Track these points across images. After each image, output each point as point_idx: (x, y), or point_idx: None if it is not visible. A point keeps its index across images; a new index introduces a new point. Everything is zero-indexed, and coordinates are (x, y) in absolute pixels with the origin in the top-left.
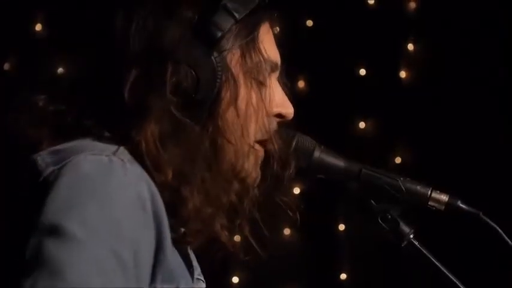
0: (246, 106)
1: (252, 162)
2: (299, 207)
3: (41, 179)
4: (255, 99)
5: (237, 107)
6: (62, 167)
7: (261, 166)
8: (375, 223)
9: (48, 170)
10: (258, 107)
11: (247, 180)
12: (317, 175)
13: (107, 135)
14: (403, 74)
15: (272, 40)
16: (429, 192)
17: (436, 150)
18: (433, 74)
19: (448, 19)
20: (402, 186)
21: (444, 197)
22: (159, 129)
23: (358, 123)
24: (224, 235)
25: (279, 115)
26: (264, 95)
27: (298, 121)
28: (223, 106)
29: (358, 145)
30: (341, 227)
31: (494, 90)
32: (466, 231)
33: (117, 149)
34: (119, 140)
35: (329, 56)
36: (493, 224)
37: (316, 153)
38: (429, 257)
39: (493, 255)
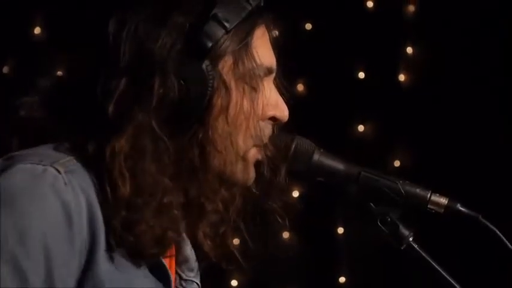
0: (237, 113)
1: (242, 166)
2: (298, 210)
3: None
4: (246, 105)
5: (227, 115)
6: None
7: (258, 166)
8: (374, 226)
9: None
10: (249, 114)
11: (241, 182)
12: (316, 178)
13: (69, 144)
14: (402, 76)
15: (267, 43)
16: (428, 195)
17: (435, 152)
18: (432, 76)
19: (447, 22)
20: (401, 189)
21: (443, 200)
22: (130, 145)
23: (357, 126)
24: (207, 244)
25: (273, 118)
26: (256, 101)
27: (297, 124)
28: (214, 114)
29: (357, 148)
30: (340, 230)
31: (494, 93)
32: (466, 234)
33: (66, 158)
34: (79, 149)
35: (328, 58)
36: (492, 226)
37: (316, 156)
38: (428, 260)
39: (492, 258)
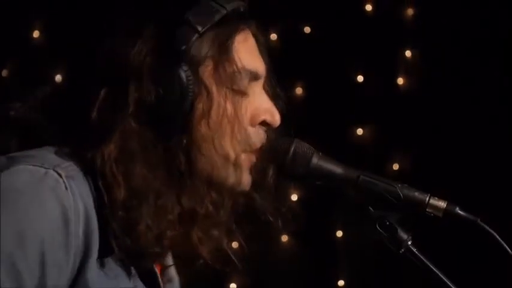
0: (220, 118)
1: (234, 171)
2: (296, 214)
3: None
4: (230, 110)
5: (209, 119)
6: (0, 174)
7: (257, 171)
8: (373, 229)
9: None
10: (233, 118)
11: (235, 188)
12: (315, 182)
13: (68, 148)
14: (400, 80)
15: (250, 49)
16: (427, 198)
17: (434, 156)
18: (431, 80)
19: (446, 26)
20: (400, 192)
21: (442, 204)
22: (119, 149)
23: (356, 129)
24: (202, 248)
25: (264, 123)
26: (240, 105)
27: (295, 127)
28: (197, 119)
29: (356, 151)
30: (339, 234)
31: (493, 96)
32: (464, 237)
33: (67, 163)
34: (77, 155)
35: (327, 62)
36: (491, 230)
37: (314, 160)
38: (427, 264)
39: (491, 261)
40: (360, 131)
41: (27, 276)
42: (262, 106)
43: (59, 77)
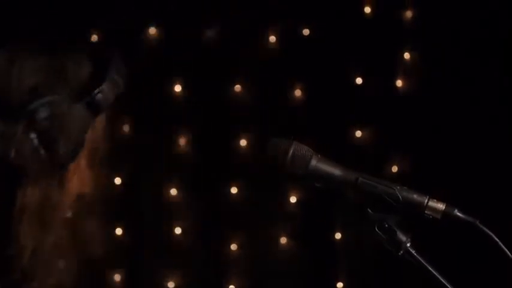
0: None
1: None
2: (295, 216)
3: None
4: None
5: None
6: None
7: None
8: (372, 232)
9: None
10: None
11: None
12: (314, 183)
13: None
14: (399, 82)
15: None
16: (426, 200)
17: (433, 158)
18: (430, 82)
19: (445, 27)
20: (399, 194)
21: (441, 206)
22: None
23: (355, 131)
24: None
25: None
26: None
27: (294, 129)
28: None
29: (355, 153)
30: (338, 236)
31: (492, 98)
32: (463, 239)
33: None
34: None
35: (326, 64)
36: (490, 232)
37: (313, 162)
38: (426, 266)
39: (490, 263)
40: (359, 133)
41: None
42: None
43: None
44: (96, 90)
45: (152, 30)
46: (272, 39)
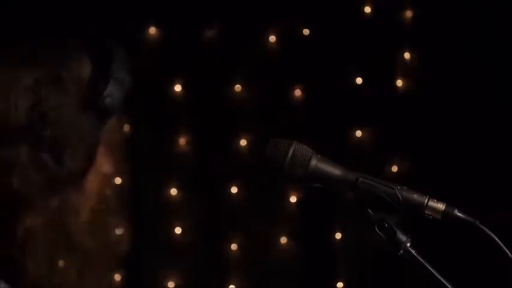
0: None
1: None
2: (295, 216)
3: None
4: None
5: None
6: None
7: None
8: (372, 232)
9: None
10: None
11: None
12: (314, 184)
13: None
14: (399, 82)
15: None
16: (426, 200)
17: (433, 158)
18: (430, 82)
19: (445, 28)
20: (399, 195)
21: (441, 206)
22: None
23: (355, 131)
24: None
25: None
26: None
27: (294, 129)
28: None
29: (355, 154)
30: (338, 236)
31: (492, 99)
32: (463, 239)
33: None
34: None
35: (325, 64)
36: (490, 232)
37: (313, 162)
38: (426, 266)
39: (490, 263)
40: (359, 133)
41: None
42: None
43: None
44: (104, 94)
45: (152, 30)
46: (272, 39)
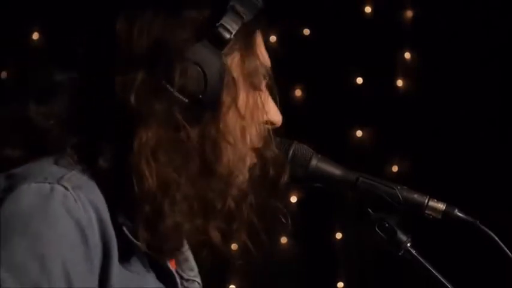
0: (244, 110)
1: (247, 165)
2: (296, 216)
3: None
4: (252, 103)
5: (237, 110)
6: (4, 198)
7: (251, 172)
8: (372, 232)
9: None
10: (254, 112)
11: (237, 181)
12: (314, 183)
13: (70, 154)
14: (400, 82)
15: (264, 47)
16: (426, 200)
17: (433, 158)
18: (430, 82)
19: (445, 27)
20: (399, 194)
21: (441, 206)
22: (158, 136)
23: (355, 131)
24: (219, 240)
25: (269, 122)
26: (257, 101)
27: (295, 130)
28: (224, 109)
29: (355, 153)
30: (338, 236)
31: (492, 98)
32: (464, 239)
33: (70, 173)
34: (81, 160)
35: (326, 64)
36: (490, 232)
37: (314, 162)
38: (426, 266)
39: (490, 263)
40: (360, 133)
41: None
42: (268, 105)
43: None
44: (217, 24)
45: None
46: (272, 39)
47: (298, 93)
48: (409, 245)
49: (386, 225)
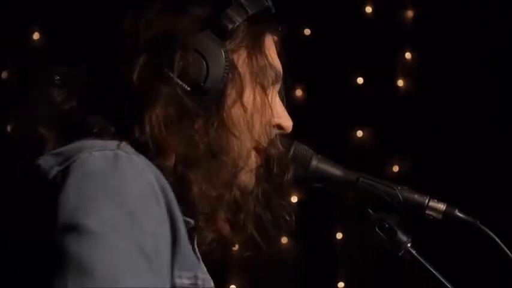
0: (251, 107)
1: (253, 160)
2: (296, 216)
3: (47, 181)
4: (259, 102)
5: (242, 105)
6: (67, 167)
7: (257, 174)
8: (373, 232)
9: (53, 171)
10: (261, 110)
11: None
12: (314, 184)
13: (110, 130)
14: (400, 82)
15: (275, 52)
16: (426, 201)
17: (434, 158)
18: (431, 82)
19: (445, 27)
20: (400, 195)
21: (441, 206)
22: (165, 113)
23: (356, 131)
24: (226, 229)
25: (278, 126)
26: (264, 101)
27: (295, 130)
28: (229, 102)
29: (356, 154)
30: (339, 236)
31: (493, 98)
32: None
33: (120, 143)
34: (122, 132)
35: (327, 64)
36: (490, 232)
37: (314, 162)
38: (426, 266)
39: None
40: (360, 133)
41: (155, 256)
42: (279, 110)
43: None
44: (222, 17)
45: None
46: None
47: (298, 93)
48: (409, 245)
49: (387, 225)
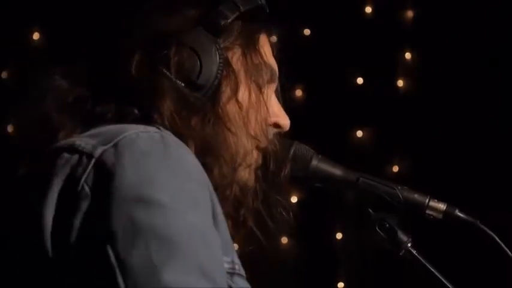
0: (247, 104)
1: (251, 157)
2: (296, 216)
3: (93, 160)
4: (254, 99)
5: (237, 102)
6: (116, 145)
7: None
8: (373, 232)
9: (99, 150)
10: (257, 107)
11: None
12: (315, 184)
13: (132, 117)
14: (400, 82)
15: (271, 51)
16: (427, 200)
17: (434, 158)
18: (430, 82)
19: (445, 28)
20: (400, 195)
21: (442, 206)
22: (174, 105)
23: (356, 131)
24: (228, 225)
25: (276, 125)
26: (260, 100)
27: (295, 130)
28: (224, 98)
29: (356, 154)
30: (339, 236)
31: (492, 99)
32: (464, 239)
33: (156, 128)
34: (143, 121)
35: (326, 64)
36: (491, 232)
37: (314, 162)
38: (427, 266)
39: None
40: (360, 133)
41: (215, 237)
42: (275, 108)
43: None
44: (214, 14)
45: None
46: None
47: (298, 93)
48: (409, 245)
49: (387, 225)
